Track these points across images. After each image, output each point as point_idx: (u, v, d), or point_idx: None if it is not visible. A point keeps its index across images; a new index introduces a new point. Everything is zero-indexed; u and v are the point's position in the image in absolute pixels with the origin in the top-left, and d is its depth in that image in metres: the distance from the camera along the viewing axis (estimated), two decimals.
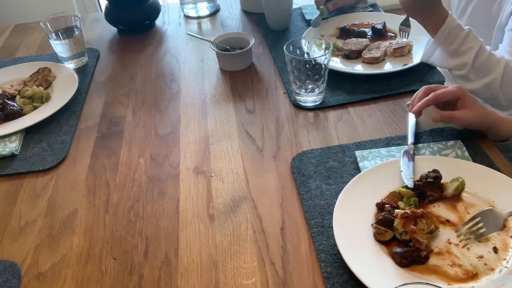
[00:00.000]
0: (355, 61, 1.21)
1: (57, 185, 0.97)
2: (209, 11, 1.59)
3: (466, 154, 0.91)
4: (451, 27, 1.02)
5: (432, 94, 0.92)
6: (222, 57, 1.27)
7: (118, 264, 0.80)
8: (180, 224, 0.86)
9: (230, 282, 0.75)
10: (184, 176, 0.96)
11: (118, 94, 1.24)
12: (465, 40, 1.01)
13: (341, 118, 1.06)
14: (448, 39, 1.02)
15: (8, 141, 1.07)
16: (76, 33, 1.32)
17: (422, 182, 0.82)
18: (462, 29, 1.02)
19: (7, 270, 0.80)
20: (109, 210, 0.90)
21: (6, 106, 1.14)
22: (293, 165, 0.94)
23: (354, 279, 0.71)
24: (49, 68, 1.27)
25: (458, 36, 1.02)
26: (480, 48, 1.01)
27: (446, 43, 1.03)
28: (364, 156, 0.92)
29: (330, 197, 0.86)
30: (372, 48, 1.21)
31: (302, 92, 1.08)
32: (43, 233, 0.87)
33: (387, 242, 0.75)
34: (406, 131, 0.99)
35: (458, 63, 1.03)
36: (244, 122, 1.08)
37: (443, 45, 1.04)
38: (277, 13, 1.40)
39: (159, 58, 1.38)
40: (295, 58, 1.03)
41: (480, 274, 0.70)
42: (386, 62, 1.19)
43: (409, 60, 1.18)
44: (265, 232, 0.82)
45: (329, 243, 0.78)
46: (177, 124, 1.10)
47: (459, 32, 1.02)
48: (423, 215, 0.75)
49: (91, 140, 1.08)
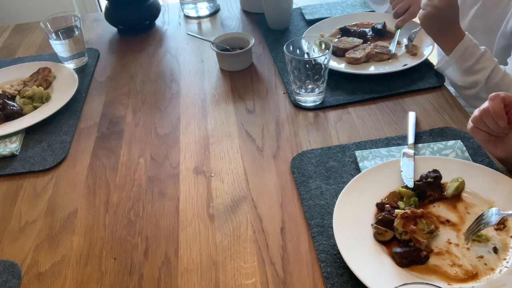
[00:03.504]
0: (341, 59, 1.21)
1: (57, 185, 0.97)
2: (209, 11, 1.59)
3: (466, 154, 0.91)
4: (468, 44, 1.01)
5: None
6: (222, 57, 1.27)
7: (118, 264, 0.80)
8: (180, 224, 0.86)
9: (230, 282, 0.75)
10: (184, 176, 0.96)
11: (118, 94, 1.24)
12: (480, 59, 1.01)
13: (341, 118, 1.06)
14: (463, 56, 1.02)
15: (9, 142, 1.07)
16: (76, 33, 1.32)
17: (422, 182, 0.82)
18: (478, 48, 1.02)
19: (7, 270, 0.80)
20: (109, 210, 0.90)
21: (6, 106, 1.14)
22: (293, 165, 0.94)
23: (354, 279, 0.71)
24: (49, 68, 1.27)
25: (474, 54, 1.01)
26: (494, 67, 1.01)
27: (461, 60, 1.03)
28: (364, 156, 0.92)
29: (330, 197, 0.86)
30: (359, 48, 1.21)
31: (302, 92, 1.08)
32: (43, 233, 0.87)
33: (387, 242, 0.75)
34: (406, 131, 0.99)
35: (471, 81, 1.03)
36: (244, 122, 1.08)
37: (457, 62, 1.04)
38: (277, 13, 1.40)
39: (159, 58, 1.38)
40: (295, 58, 1.03)
41: (480, 274, 0.70)
42: (371, 64, 1.19)
43: (394, 64, 1.17)
44: (265, 232, 0.82)
45: (329, 243, 0.78)
46: (177, 124, 1.10)
47: (475, 50, 1.02)
48: (423, 215, 0.75)
49: (91, 140, 1.08)
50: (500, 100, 0.79)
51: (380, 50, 1.19)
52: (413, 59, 1.18)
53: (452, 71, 1.07)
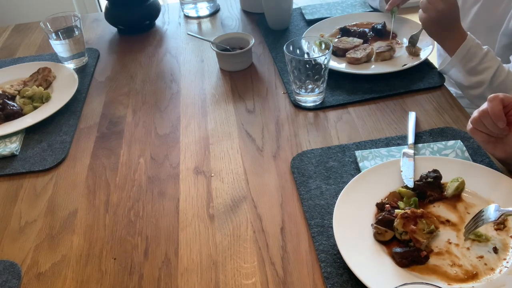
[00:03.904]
0: (341, 59, 1.21)
1: (57, 185, 0.97)
2: (209, 11, 1.59)
3: (466, 154, 0.91)
4: (471, 45, 1.01)
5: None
6: (222, 57, 1.27)
7: (118, 264, 0.80)
8: (180, 224, 0.86)
9: (230, 282, 0.75)
10: (184, 176, 0.96)
11: (118, 94, 1.24)
12: (484, 59, 1.01)
13: (341, 118, 1.06)
14: (466, 57, 1.02)
15: (9, 142, 1.07)
16: (76, 33, 1.32)
17: (422, 182, 0.82)
18: (481, 48, 1.02)
19: (7, 270, 0.80)
20: (109, 210, 0.90)
21: (6, 106, 1.14)
22: (293, 165, 0.94)
23: (354, 279, 0.71)
24: (49, 68, 1.27)
25: (477, 54, 1.01)
26: (498, 67, 1.01)
27: (465, 61, 1.03)
28: (364, 156, 0.92)
29: (330, 197, 0.86)
30: (360, 48, 1.21)
31: (302, 92, 1.08)
32: (43, 233, 0.87)
33: (387, 242, 0.75)
34: (406, 131, 0.99)
35: (475, 81, 1.03)
36: (244, 122, 1.08)
37: (461, 63, 1.03)
38: (277, 13, 1.40)
39: (159, 58, 1.38)
40: (295, 58, 1.03)
41: (480, 274, 0.70)
42: (371, 64, 1.19)
43: (394, 64, 1.17)
44: (265, 232, 0.82)
45: (329, 243, 0.78)
46: (177, 124, 1.10)
47: (479, 50, 1.01)
48: (423, 215, 0.75)
49: (91, 140, 1.08)
50: (499, 101, 0.78)
51: (381, 50, 1.19)
52: (413, 59, 1.18)
53: (456, 72, 1.06)
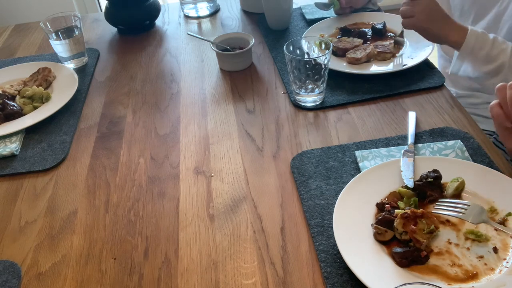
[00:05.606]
0: (341, 59, 1.21)
1: (57, 185, 0.97)
2: (209, 11, 1.59)
3: (466, 154, 0.91)
4: (476, 34, 1.00)
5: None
6: (222, 57, 1.27)
7: (118, 264, 0.80)
8: (180, 224, 0.86)
9: (230, 282, 0.75)
10: (184, 176, 0.96)
11: (118, 94, 1.24)
12: (494, 44, 0.99)
13: (341, 118, 1.06)
14: (477, 45, 1.01)
15: (9, 142, 1.07)
16: (76, 33, 1.32)
17: (422, 182, 0.82)
18: (486, 34, 1.01)
19: (7, 270, 0.80)
20: (109, 210, 0.90)
21: (6, 106, 1.14)
22: (293, 165, 0.94)
23: (354, 279, 0.71)
24: (49, 68, 1.27)
25: (486, 41, 1.00)
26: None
27: (476, 50, 1.01)
28: (364, 156, 0.92)
29: (330, 197, 0.86)
30: (360, 48, 1.21)
31: (302, 92, 1.08)
32: (43, 233, 0.87)
33: (387, 242, 0.75)
34: (406, 131, 0.99)
35: (494, 67, 1.01)
36: (244, 122, 1.08)
37: (473, 53, 1.02)
38: (277, 13, 1.40)
39: (159, 58, 1.38)
40: (295, 58, 1.03)
41: (480, 274, 0.70)
42: (371, 64, 1.19)
43: (393, 64, 1.17)
44: (265, 232, 0.82)
45: (329, 243, 0.78)
46: (177, 124, 1.10)
47: (485, 37, 1.00)
48: (423, 215, 0.75)
49: (91, 140, 1.08)
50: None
51: (382, 50, 1.19)
52: (413, 59, 1.18)
53: (469, 66, 1.04)
